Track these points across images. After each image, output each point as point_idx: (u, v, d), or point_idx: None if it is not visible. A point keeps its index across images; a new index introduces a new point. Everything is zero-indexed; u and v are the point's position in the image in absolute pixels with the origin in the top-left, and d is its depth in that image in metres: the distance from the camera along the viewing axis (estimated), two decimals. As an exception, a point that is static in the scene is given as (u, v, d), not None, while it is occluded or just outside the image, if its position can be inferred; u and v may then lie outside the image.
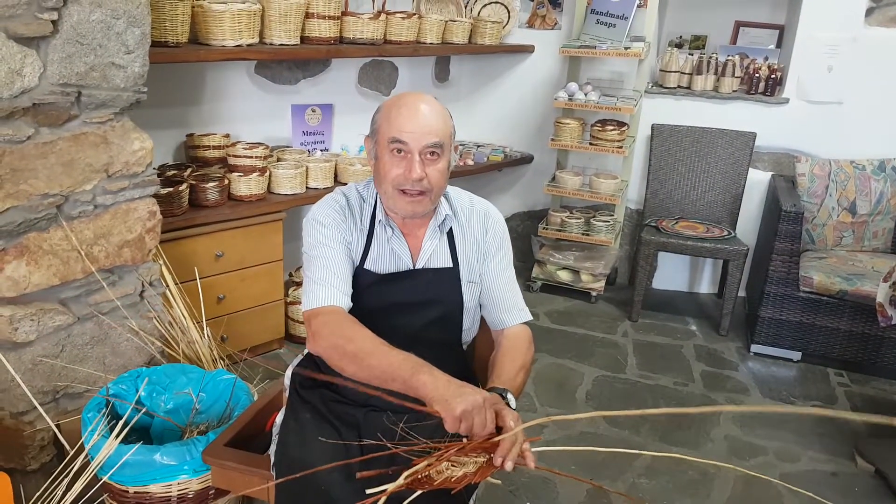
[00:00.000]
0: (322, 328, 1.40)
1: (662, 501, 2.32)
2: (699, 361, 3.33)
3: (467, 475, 1.24)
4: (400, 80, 3.98)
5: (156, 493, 1.82)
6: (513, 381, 1.43)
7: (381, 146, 1.47)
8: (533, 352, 1.58)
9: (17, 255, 1.84)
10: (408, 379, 1.26)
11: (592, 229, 3.94)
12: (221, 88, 3.14)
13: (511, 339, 1.57)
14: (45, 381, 1.99)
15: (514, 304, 1.61)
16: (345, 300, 1.46)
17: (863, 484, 2.49)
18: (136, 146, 2.05)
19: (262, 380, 2.67)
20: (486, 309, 1.63)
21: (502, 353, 1.53)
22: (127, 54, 1.94)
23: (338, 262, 1.49)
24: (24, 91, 1.74)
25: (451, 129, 1.50)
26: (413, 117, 1.43)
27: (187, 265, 2.58)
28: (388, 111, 1.47)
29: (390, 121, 1.44)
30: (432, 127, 1.43)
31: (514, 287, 1.64)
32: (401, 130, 1.42)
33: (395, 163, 1.45)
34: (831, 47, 3.63)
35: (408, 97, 1.48)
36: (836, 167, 3.52)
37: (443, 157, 1.47)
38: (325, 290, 1.44)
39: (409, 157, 1.44)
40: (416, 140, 1.42)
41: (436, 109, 1.46)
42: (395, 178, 1.45)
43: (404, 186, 1.45)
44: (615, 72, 4.06)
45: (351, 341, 1.35)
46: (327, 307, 1.43)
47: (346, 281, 1.49)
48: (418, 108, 1.44)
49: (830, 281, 3.15)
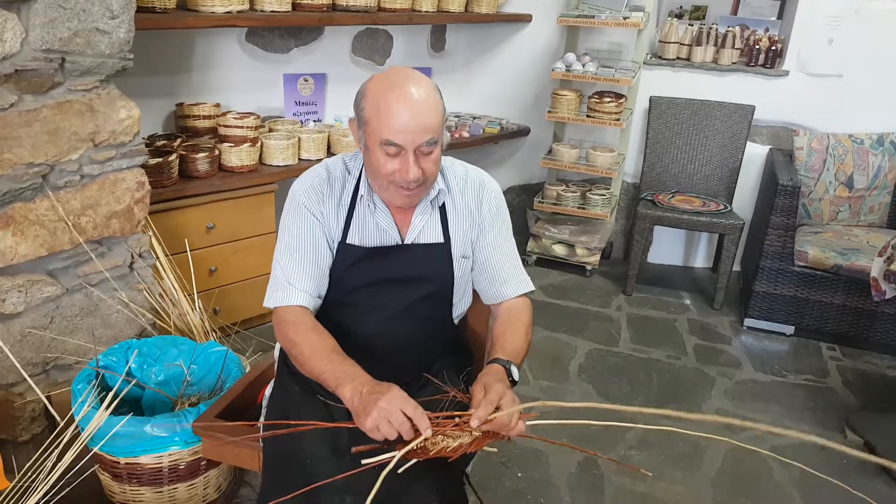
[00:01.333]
0: (277, 327, 1.45)
1: (654, 472, 2.34)
2: (692, 335, 3.34)
3: (462, 445, 1.24)
4: (395, 49, 3.92)
5: (147, 464, 1.82)
6: (516, 352, 1.41)
7: (370, 140, 1.38)
8: (532, 322, 1.55)
9: (2, 225, 1.82)
10: (333, 390, 1.29)
11: (588, 203, 3.92)
12: (211, 57, 3.08)
13: (512, 310, 1.54)
14: (34, 352, 1.98)
15: (512, 275, 1.56)
16: (305, 298, 1.45)
17: (852, 456, 2.50)
18: (122, 115, 2.01)
19: (255, 352, 2.66)
20: (484, 283, 1.57)
21: (504, 324, 1.50)
22: (112, 19, 1.90)
23: (307, 258, 1.47)
24: (6, 57, 1.70)
25: (443, 112, 1.41)
26: (405, 115, 1.32)
27: (178, 237, 2.56)
28: (375, 104, 1.35)
29: (380, 118, 1.34)
30: (426, 124, 1.34)
31: (514, 258, 1.58)
32: (393, 131, 1.33)
33: (389, 160, 1.37)
34: (833, 19, 3.58)
35: (396, 87, 1.35)
36: (835, 141, 3.49)
37: (437, 147, 1.40)
38: (285, 291, 1.45)
39: (403, 153, 1.36)
40: (410, 141, 1.34)
41: (428, 99, 1.35)
42: (389, 174, 1.39)
43: (400, 183, 1.39)
44: (614, 42, 4.00)
45: (294, 346, 1.38)
46: (283, 307, 1.45)
47: (312, 279, 1.47)
48: (409, 102, 1.33)
49: (825, 255, 3.14)
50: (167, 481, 1.86)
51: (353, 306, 1.51)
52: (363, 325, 1.51)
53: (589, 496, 2.22)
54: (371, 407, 1.19)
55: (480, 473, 2.24)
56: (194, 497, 1.93)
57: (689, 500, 2.24)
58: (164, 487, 1.87)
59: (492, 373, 1.32)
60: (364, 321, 1.51)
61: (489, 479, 2.24)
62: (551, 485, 2.25)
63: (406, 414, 1.18)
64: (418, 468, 1.23)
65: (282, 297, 1.45)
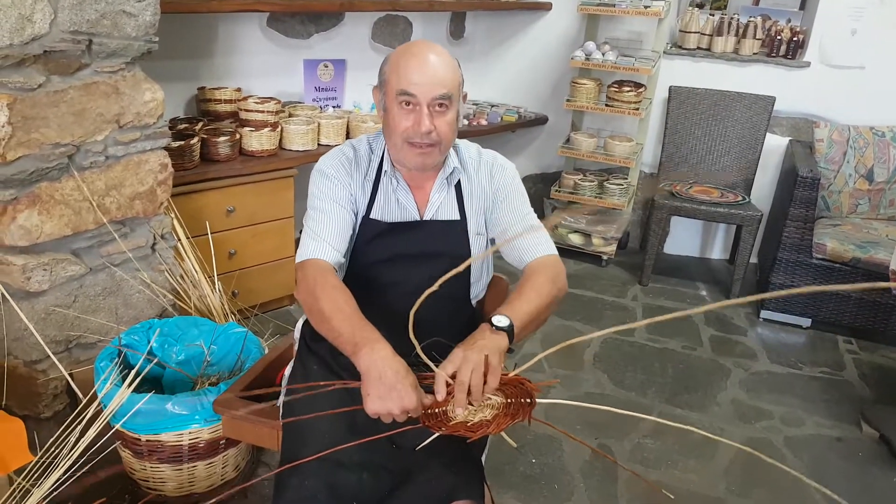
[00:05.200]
0: (301, 281, 1.43)
1: (667, 461, 2.35)
2: (708, 326, 3.33)
3: (483, 423, 1.24)
4: (414, 36, 3.92)
5: (167, 441, 1.85)
6: (512, 305, 1.36)
7: (389, 98, 1.45)
8: (555, 275, 1.47)
9: (29, 204, 1.84)
10: (350, 355, 1.27)
11: (605, 192, 3.91)
12: (233, 41, 3.10)
13: (528, 270, 1.50)
14: (57, 330, 2.01)
15: (534, 242, 1.54)
16: (332, 254, 1.46)
17: (867, 449, 2.50)
18: (147, 97, 2.03)
19: (273, 335, 2.69)
20: (508, 250, 1.56)
21: (518, 285, 1.47)
22: (138, 2, 1.91)
23: (334, 217, 1.49)
24: (35, 38, 1.72)
25: (460, 79, 1.47)
26: (421, 68, 1.40)
27: (199, 219, 2.59)
28: (395, 61, 1.44)
29: (398, 72, 1.42)
30: (441, 78, 1.41)
31: (534, 226, 1.56)
32: (409, 82, 1.40)
33: (404, 115, 1.43)
34: (856, 10, 3.54)
35: (415, 46, 1.45)
36: (856, 133, 3.46)
37: (451, 109, 1.45)
38: (315, 243, 1.45)
39: (417, 108, 1.42)
40: (424, 92, 1.40)
41: (444, 59, 1.43)
42: (403, 130, 1.44)
43: (413, 139, 1.44)
44: (634, 31, 3.98)
45: (316, 300, 1.36)
46: (311, 260, 1.44)
47: (340, 236, 1.49)
48: (426, 58, 1.41)
49: (844, 248, 3.12)
50: (187, 459, 1.89)
51: (371, 281, 1.54)
52: (381, 299, 1.54)
53: (602, 483, 2.23)
54: (379, 401, 1.20)
55: (494, 459, 2.26)
56: (213, 475, 1.96)
57: (702, 489, 2.25)
58: (183, 465, 1.90)
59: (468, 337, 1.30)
60: (382, 296, 1.54)
61: (504, 464, 2.26)
62: (565, 471, 2.27)
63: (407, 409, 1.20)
64: (440, 448, 1.24)
65: (309, 249, 1.45)
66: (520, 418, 1.24)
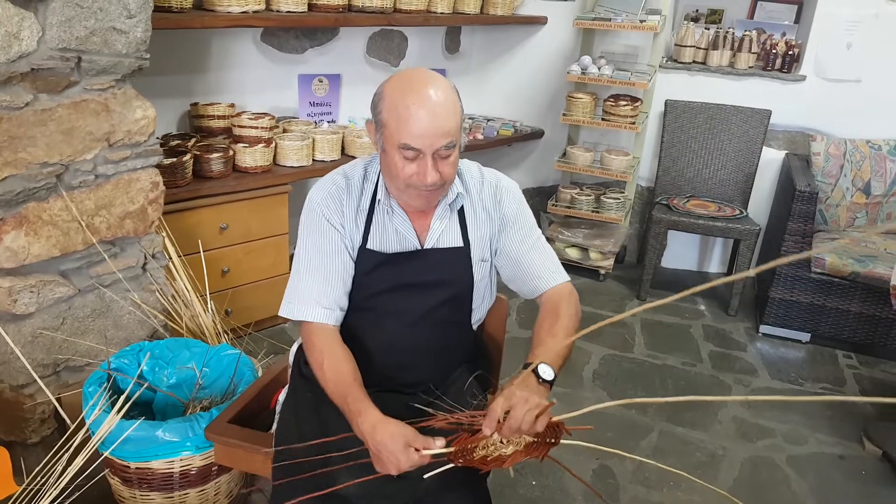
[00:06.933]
0: (307, 343, 1.46)
1: (669, 482, 2.30)
2: (707, 342, 3.30)
3: (500, 457, 1.23)
4: (410, 50, 3.90)
5: (158, 469, 1.80)
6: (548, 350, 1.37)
7: (388, 143, 1.36)
8: (576, 309, 1.49)
9: (15, 225, 1.80)
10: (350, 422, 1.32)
11: (602, 206, 3.89)
12: (227, 57, 3.07)
13: (547, 302, 1.49)
14: (45, 353, 1.96)
15: (545, 268, 1.52)
16: (333, 316, 1.45)
17: (870, 467, 2.46)
18: (138, 114, 1.99)
19: (267, 354, 2.64)
20: (518, 281, 1.54)
21: (539, 322, 1.46)
22: (129, 19, 1.88)
23: (333, 273, 1.46)
24: (22, 55, 1.68)
25: (461, 114, 1.38)
26: (424, 119, 1.30)
27: (191, 237, 2.54)
28: (394, 107, 1.32)
29: (398, 122, 1.32)
30: (445, 128, 1.32)
31: (544, 251, 1.54)
32: (411, 136, 1.31)
33: (407, 164, 1.35)
34: (852, 23, 3.53)
35: (414, 91, 1.32)
36: (852, 147, 3.45)
37: (455, 150, 1.37)
38: (314, 309, 1.44)
39: (421, 156, 1.34)
40: (428, 146, 1.32)
41: (446, 101, 1.33)
42: (407, 177, 1.36)
43: (418, 187, 1.37)
44: (630, 45, 3.97)
45: (321, 369, 1.40)
46: (315, 324, 1.45)
47: (338, 291, 1.46)
48: (428, 106, 1.30)
49: (843, 262, 3.10)
50: (178, 486, 1.84)
51: (372, 311, 1.49)
52: (382, 330, 1.49)
53: (604, 505, 2.19)
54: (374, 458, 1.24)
55: (494, 481, 2.21)
56: (205, 503, 1.91)
57: (705, 510, 2.20)
58: (174, 493, 1.85)
59: (517, 380, 1.29)
60: (383, 327, 1.49)
61: (503, 487, 2.21)
62: (566, 493, 2.22)
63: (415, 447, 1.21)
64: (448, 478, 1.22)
65: (310, 313, 1.44)
66: (535, 455, 1.22)
